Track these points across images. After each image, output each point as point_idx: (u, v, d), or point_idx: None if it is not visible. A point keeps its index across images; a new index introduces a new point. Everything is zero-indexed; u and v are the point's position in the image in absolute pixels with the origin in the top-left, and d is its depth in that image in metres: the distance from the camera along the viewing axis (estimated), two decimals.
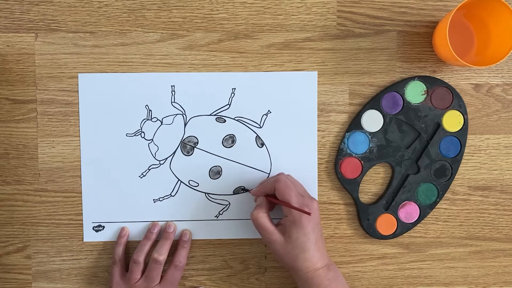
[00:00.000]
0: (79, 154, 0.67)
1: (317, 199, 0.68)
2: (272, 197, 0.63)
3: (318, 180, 0.68)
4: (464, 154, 0.68)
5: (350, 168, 0.67)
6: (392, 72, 0.67)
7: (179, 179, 0.67)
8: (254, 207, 0.63)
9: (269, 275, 0.69)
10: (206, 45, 0.67)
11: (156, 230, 0.67)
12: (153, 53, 0.67)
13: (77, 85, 0.66)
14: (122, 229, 0.67)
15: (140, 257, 0.65)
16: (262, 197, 0.63)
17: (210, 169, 0.67)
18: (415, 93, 0.67)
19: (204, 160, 0.67)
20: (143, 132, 0.67)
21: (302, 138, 0.67)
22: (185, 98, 0.67)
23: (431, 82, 0.67)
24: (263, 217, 0.61)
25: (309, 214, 0.59)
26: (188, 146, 0.67)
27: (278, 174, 0.64)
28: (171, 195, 0.68)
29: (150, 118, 0.67)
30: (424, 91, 0.67)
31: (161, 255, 0.64)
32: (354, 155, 0.67)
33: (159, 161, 0.67)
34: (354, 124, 0.67)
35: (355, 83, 0.67)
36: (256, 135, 0.67)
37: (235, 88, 0.67)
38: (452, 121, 0.67)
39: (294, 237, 0.59)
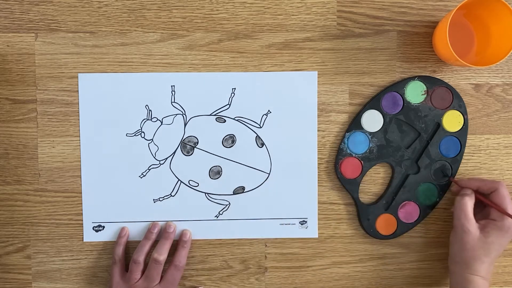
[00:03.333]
0: (79, 154, 0.67)
1: (317, 199, 0.68)
2: (480, 194, 0.64)
3: (318, 180, 0.68)
4: (464, 154, 0.68)
5: (350, 168, 0.67)
6: (392, 72, 0.67)
7: (179, 179, 0.67)
8: (460, 195, 0.64)
9: (269, 275, 0.69)
10: (206, 45, 0.67)
11: (156, 230, 0.67)
12: (153, 53, 0.67)
13: (77, 85, 0.66)
14: (122, 229, 0.67)
15: (140, 257, 0.65)
16: (471, 190, 0.64)
17: (210, 169, 0.67)
18: (415, 93, 0.67)
19: (204, 160, 0.67)
20: (143, 132, 0.67)
21: (302, 138, 0.67)
22: (185, 98, 0.67)
23: (431, 82, 0.67)
24: (470, 206, 0.63)
25: None
26: (188, 146, 0.67)
27: (499, 180, 0.65)
28: (171, 195, 0.68)
29: (150, 118, 0.67)
30: (424, 91, 0.67)
31: (161, 255, 0.64)
32: (354, 155, 0.67)
33: (159, 161, 0.67)
34: (354, 124, 0.67)
35: (355, 83, 0.67)
36: (256, 135, 0.67)
37: (235, 88, 0.67)
38: (452, 121, 0.67)
39: (490, 240, 0.62)
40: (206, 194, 0.68)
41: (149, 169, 0.67)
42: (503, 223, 0.62)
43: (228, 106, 0.67)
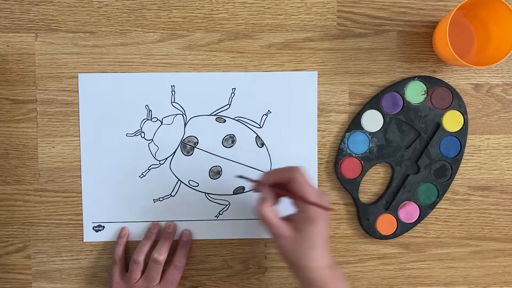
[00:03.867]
0: (79, 154, 0.67)
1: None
2: (281, 189, 0.58)
3: (318, 180, 0.68)
4: (464, 154, 0.68)
5: (350, 168, 0.67)
6: (392, 72, 0.67)
7: (179, 179, 0.67)
8: (259, 201, 0.57)
9: (269, 275, 0.69)
10: (206, 45, 0.67)
11: (156, 230, 0.67)
12: (153, 53, 0.67)
13: (77, 85, 0.66)
14: (122, 229, 0.67)
15: (140, 257, 0.65)
16: (267, 189, 0.58)
17: (210, 169, 0.67)
18: (415, 93, 0.67)
19: (204, 160, 0.67)
20: (143, 132, 0.67)
21: (302, 138, 0.67)
22: (185, 98, 0.67)
23: (431, 82, 0.67)
24: (270, 211, 0.57)
25: (331, 210, 0.55)
26: (188, 146, 0.67)
27: (294, 167, 0.58)
28: (171, 195, 0.68)
29: (150, 118, 0.67)
30: (424, 91, 0.67)
31: (161, 255, 0.64)
32: (354, 155, 0.67)
33: (159, 161, 0.67)
34: (354, 124, 0.67)
35: (355, 83, 0.67)
36: (256, 135, 0.67)
37: (235, 88, 0.67)
38: (452, 121, 0.67)
39: (306, 234, 0.56)
40: (206, 194, 0.68)
41: (149, 169, 0.67)
42: (309, 213, 0.55)
43: (228, 106, 0.67)
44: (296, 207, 0.57)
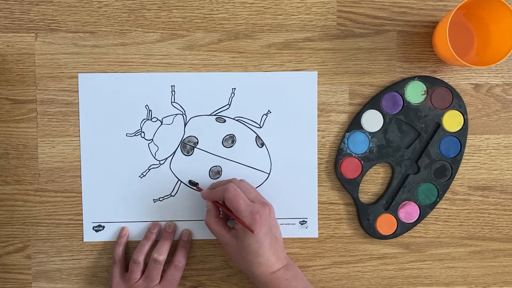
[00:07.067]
0: (79, 154, 0.67)
1: (317, 199, 0.68)
2: (222, 204, 0.62)
3: (318, 180, 0.68)
4: (464, 154, 0.68)
5: (350, 168, 0.67)
6: (392, 72, 0.67)
7: (179, 179, 0.67)
8: (206, 212, 0.63)
9: None
10: (206, 45, 0.67)
11: (156, 230, 0.67)
12: (153, 53, 0.67)
13: (77, 85, 0.66)
14: (122, 229, 0.67)
15: (140, 257, 0.65)
16: (210, 202, 0.63)
17: (210, 169, 0.67)
18: (415, 93, 0.67)
19: (204, 160, 0.67)
20: (143, 132, 0.67)
21: (302, 138, 0.67)
22: (185, 98, 0.67)
23: (431, 82, 0.67)
24: (214, 223, 0.62)
25: (251, 231, 0.59)
26: (188, 146, 0.67)
27: (229, 181, 0.63)
28: (171, 195, 0.68)
29: (150, 118, 0.67)
30: (424, 91, 0.67)
31: (161, 255, 0.64)
32: (354, 155, 0.67)
33: (159, 161, 0.67)
34: (354, 124, 0.67)
35: (355, 83, 0.67)
36: (256, 135, 0.67)
37: (235, 88, 0.67)
38: (452, 121, 0.67)
39: (246, 244, 0.59)
40: None
41: (149, 169, 0.67)
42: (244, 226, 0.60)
43: (228, 106, 0.67)
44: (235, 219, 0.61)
